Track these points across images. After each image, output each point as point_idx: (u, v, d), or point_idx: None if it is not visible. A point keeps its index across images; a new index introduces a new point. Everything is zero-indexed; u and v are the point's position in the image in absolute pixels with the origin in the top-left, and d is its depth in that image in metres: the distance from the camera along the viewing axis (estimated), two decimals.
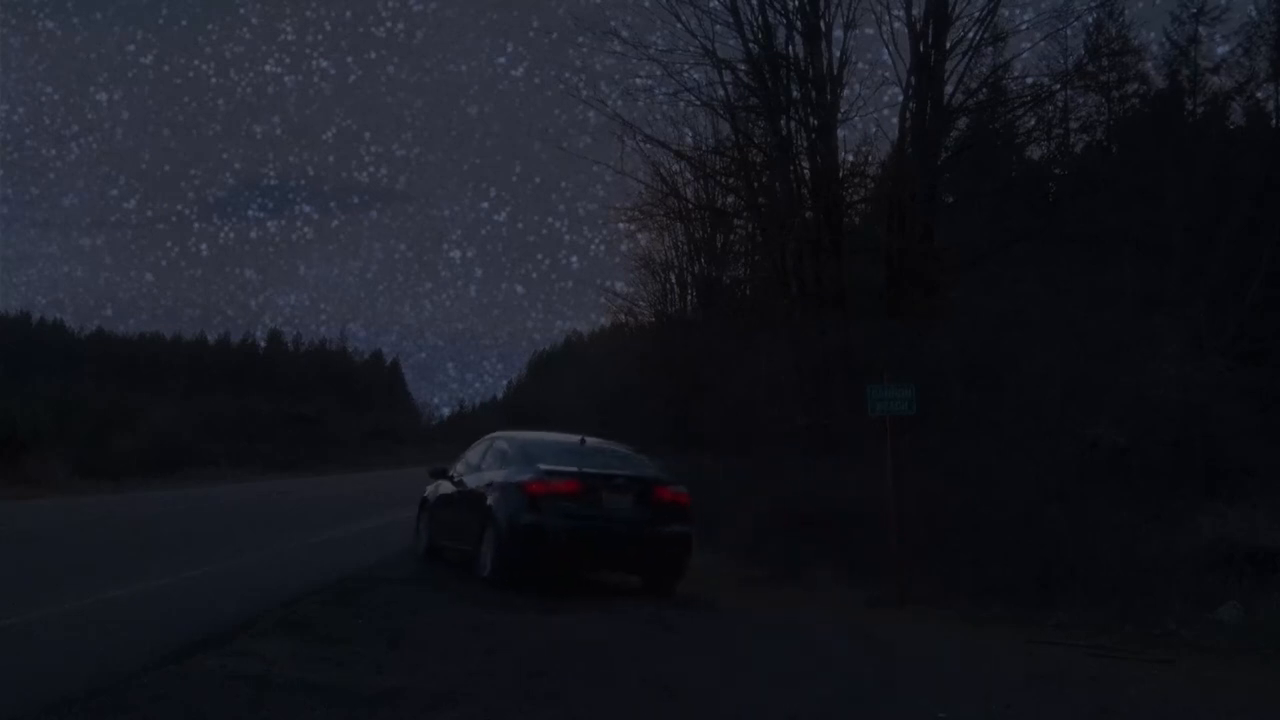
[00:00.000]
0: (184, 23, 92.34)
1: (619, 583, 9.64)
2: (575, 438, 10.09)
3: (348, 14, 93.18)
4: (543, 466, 9.02)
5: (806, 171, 17.14)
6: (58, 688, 4.79)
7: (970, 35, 16.09)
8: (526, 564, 8.81)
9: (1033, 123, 18.97)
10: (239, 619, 6.65)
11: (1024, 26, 18.03)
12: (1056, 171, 21.26)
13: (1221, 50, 21.31)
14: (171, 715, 4.52)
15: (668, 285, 29.62)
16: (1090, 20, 17.91)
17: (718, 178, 20.64)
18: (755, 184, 18.34)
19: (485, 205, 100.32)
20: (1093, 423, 12.48)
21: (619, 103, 22.58)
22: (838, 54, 16.55)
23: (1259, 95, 20.92)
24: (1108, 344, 13.70)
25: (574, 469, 9.02)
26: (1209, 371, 12.88)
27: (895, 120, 16.94)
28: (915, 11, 16.00)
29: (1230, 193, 16.43)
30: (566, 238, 79.66)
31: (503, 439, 10.49)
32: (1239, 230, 15.80)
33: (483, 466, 10.18)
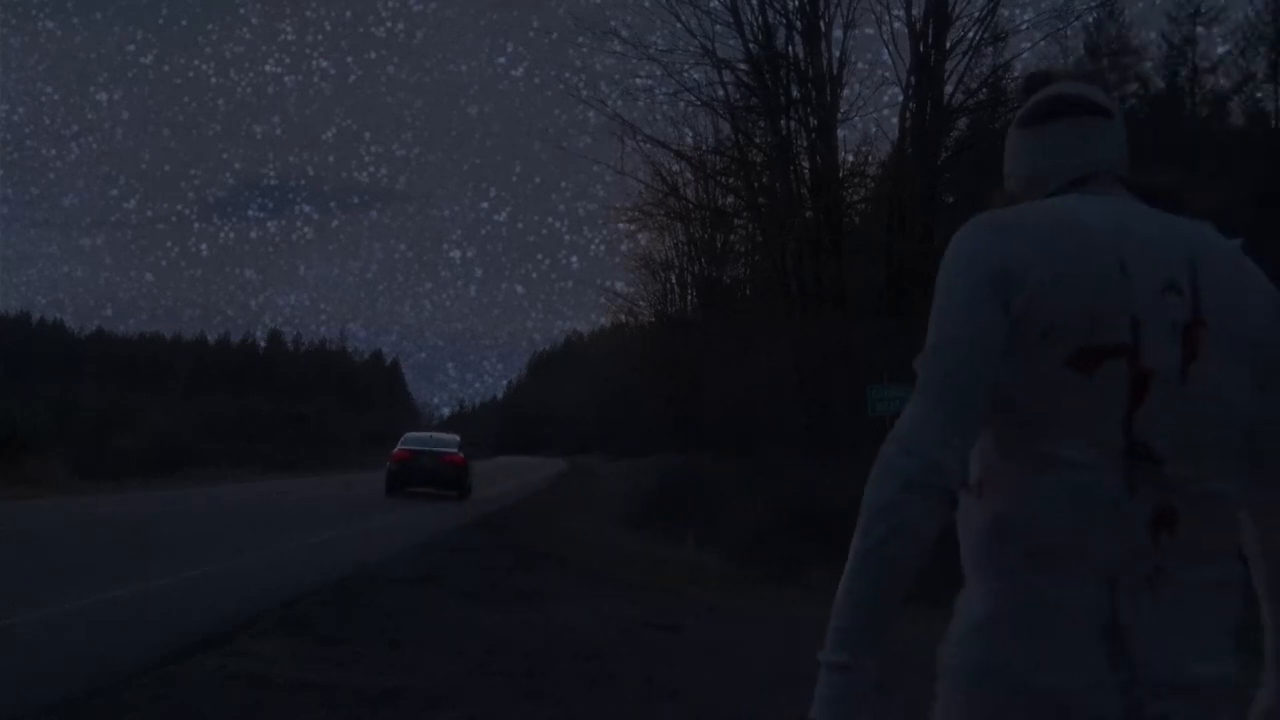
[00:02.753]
0: (184, 23, 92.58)
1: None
2: (427, 434, 24.84)
3: (348, 14, 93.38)
4: (401, 446, 21.84)
5: (806, 171, 17.15)
6: (58, 688, 4.79)
7: (970, 35, 16.13)
8: (394, 487, 20.90)
9: None
10: (239, 619, 6.64)
11: (1024, 26, 18.02)
12: None
13: (1220, 50, 21.33)
14: (171, 715, 4.52)
15: (668, 285, 29.70)
16: (1090, 20, 17.94)
17: (718, 178, 20.65)
18: (755, 184, 18.35)
19: (485, 205, 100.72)
20: None
21: (619, 103, 22.50)
22: (838, 54, 16.59)
23: (1258, 95, 20.94)
24: None
25: (413, 448, 21.71)
26: None
27: (895, 120, 16.98)
28: (915, 11, 16.03)
29: (1230, 193, 16.42)
30: (566, 238, 79.82)
31: (406, 435, 23.65)
32: (1239, 230, 15.78)
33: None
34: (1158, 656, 1.24)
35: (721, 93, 17.82)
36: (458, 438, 23.68)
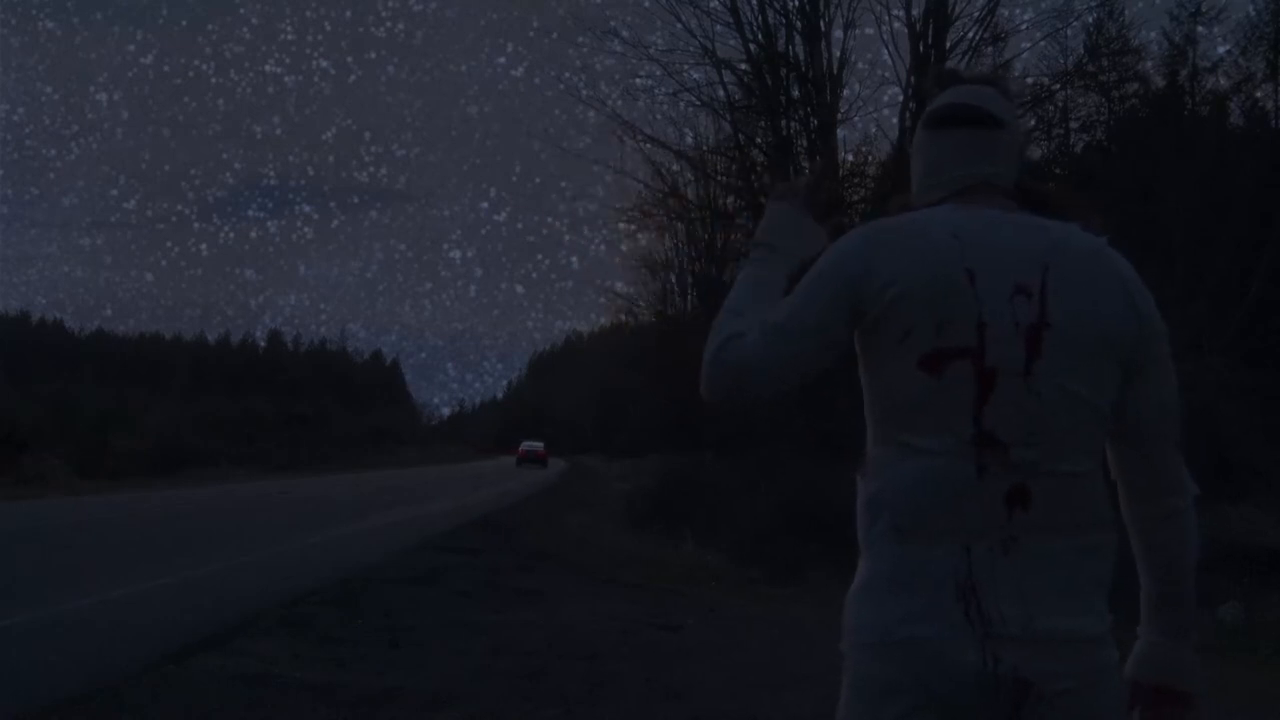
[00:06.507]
0: (184, 23, 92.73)
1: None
2: (530, 441, 56.22)
3: (348, 14, 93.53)
4: (521, 447, 54.84)
5: (807, 172, 17.14)
6: (58, 688, 4.80)
7: (970, 35, 16.09)
8: (519, 464, 50.86)
9: (1033, 123, 18.96)
10: (239, 619, 6.64)
11: (1024, 26, 18.06)
12: (1056, 171, 21.24)
13: (1221, 50, 21.31)
14: (171, 715, 4.52)
15: (668, 285, 29.61)
16: (1090, 20, 17.93)
17: (718, 178, 20.63)
18: (755, 184, 18.34)
19: (485, 205, 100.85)
20: None
21: (619, 103, 22.59)
22: (838, 54, 16.57)
23: (1257, 95, 20.92)
24: None
25: (525, 447, 54.24)
26: (1209, 371, 12.87)
27: (895, 120, 16.95)
28: (915, 11, 16.00)
29: (1230, 193, 16.42)
30: (566, 238, 79.92)
31: (523, 442, 56.75)
32: (1239, 230, 15.79)
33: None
34: (1010, 613, 1.41)
35: (721, 93, 17.81)
36: (542, 443, 54.59)
